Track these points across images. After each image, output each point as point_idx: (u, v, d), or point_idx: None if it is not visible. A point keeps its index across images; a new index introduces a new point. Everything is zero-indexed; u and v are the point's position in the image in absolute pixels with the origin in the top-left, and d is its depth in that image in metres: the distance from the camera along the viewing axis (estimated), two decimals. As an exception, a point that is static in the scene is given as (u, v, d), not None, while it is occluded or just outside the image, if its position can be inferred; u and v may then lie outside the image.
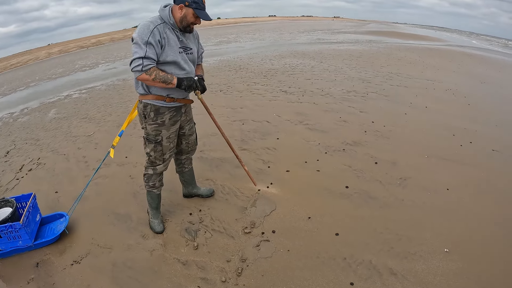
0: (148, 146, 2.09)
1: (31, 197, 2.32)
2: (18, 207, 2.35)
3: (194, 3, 1.81)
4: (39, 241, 2.21)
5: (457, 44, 17.56)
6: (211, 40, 19.57)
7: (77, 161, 3.68)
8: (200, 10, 1.85)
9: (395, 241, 2.09)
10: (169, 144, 2.12)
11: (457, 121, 4.33)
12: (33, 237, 2.20)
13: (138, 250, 2.17)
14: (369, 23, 53.22)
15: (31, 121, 5.62)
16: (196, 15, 1.84)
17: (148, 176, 2.21)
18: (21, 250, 2.19)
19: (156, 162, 2.14)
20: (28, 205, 2.23)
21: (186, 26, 1.89)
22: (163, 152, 2.11)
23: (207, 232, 2.26)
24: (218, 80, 7.37)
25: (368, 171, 2.96)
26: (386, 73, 7.45)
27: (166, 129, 2.05)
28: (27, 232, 2.12)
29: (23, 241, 2.14)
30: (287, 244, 2.08)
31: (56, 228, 2.39)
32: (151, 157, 2.12)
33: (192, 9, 1.82)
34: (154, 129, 2.02)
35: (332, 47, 12.87)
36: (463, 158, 3.24)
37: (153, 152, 2.09)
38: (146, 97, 1.96)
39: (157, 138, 2.05)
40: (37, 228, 2.32)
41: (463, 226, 2.25)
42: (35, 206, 2.37)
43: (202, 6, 1.85)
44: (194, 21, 1.88)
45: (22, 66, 18.60)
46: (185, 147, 2.34)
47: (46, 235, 2.33)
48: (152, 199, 2.29)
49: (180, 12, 1.84)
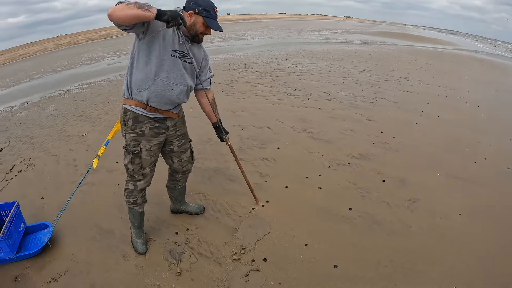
0: (126, 157, 1.88)
1: (13, 207, 2.17)
2: (2, 215, 2.24)
3: (205, 11, 1.68)
4: (21, 253, 2.09)
5: (467, 49, 17.02)
6: (219, 36, 19.29)
7: (66, 164, 3.52)
8: (211, 20, 1.71)
9: (400, 277, 1.85)
10: (150, 157, 1.89)
11: (471, 133, 4.05)
12: (15, 249, 2.08)
13: (118, 272, 1.99)
14: (379, 24, 52.37)
15: (28, 116, 5.49)
16: (206, 24, 1.71)
17: (129, 191, 1.98)
18: (2, 261, 2.07)
19: (134, 176, 1.91)
20: (10, 215, 2.09)
21: (195, 35, 1.75)
22: (142, 166, 1.89)
23: (193, 255, 2.05)
24: (222, 79, 7.15)
25: (375, 190, 2.72)
26: (396, 77, 7.15)
27: (146, 140, 1.83)
28: (8, 245, 1.99)
29: (4, 253, 2.02)
30: (279, 276, 1.86)
31: (40, 240, 2.25)
32: (129, 170, 1.90)
33: (203, 18, 1.69)
34: (133, 139, 1.82)
35: (341, 48, 12.54)
36: (477, 177, 2.98)
37: (131, 164, 1.87)
38: (128, 102, 1.77)
39: (135, 149, 1.83)
40: (20, 238, 2.19)
41: (476, 260, 2.00)
42: (18, 215, 2.22)
43: (214, 15, 1.71)
44: (204, 31, 1.75)
45: (30, 57, 18.63)
46: (178, 166, 2.12)
47: (29, 247, 2.21)
48: (134, 217, 2.07)
49: (189, 20, 1.70)
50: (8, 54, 22.05)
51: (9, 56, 20.29)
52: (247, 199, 2.60)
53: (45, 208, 2.74)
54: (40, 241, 2.23)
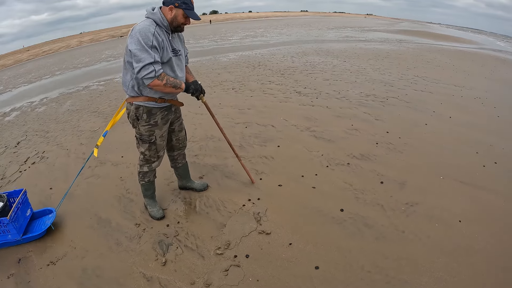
0: (142, 146, 2.15)
1: (20, 193, 2.38)
2: (11, 201, 2.42)
3: (184, 4, 1.86)
4: (27, 236, 2.27)
5: (491, 48, 16.01)
6: (238, 33, 19.40)
7: (76, 157, 3.70)
8: (190, 11, 1.90)
9: (382, 284, 1.78)
10: (162, 142, 2.19)
11: (483, 135, 3.83)
12: (21, 232, 2.27)
13: (109, 258, 2.10)
14: (402, 21, 50.55)
15: (46, 112, 5.79)
16: (186, 15, 1.90)
17: (143, 173, 2.28)
18: (10, 243, 2.24)
19: (151, 159, 2.20)
20: (17, 201, 2.30)
21: (177, 26, 1.94)
22: (157, 150, 2.18)
23: (179, 248, 2.11)
24: (233, 77, 7.21)
25: (370, 192, 2.65)
26: (411, 76, 6.89)
27: (159, 128, 2.10)
28: (15, 227, 2.19)
29: (12, 235, 2.22)
30: (258, 273, 1.87)
31: (45, 224, 2.44)
32: (146, 156, 2.18)
33: (182, 10, 1.87)
34: (148, 130, 2.07)
35: (359, 46, 12.25)
36: (484, 183, 2.80)
37: (148, 151, 2.16)
38: (138, 99, 1.98)
39: (151, 138, 2.10)
40: (26, 223, 2.38)
41: (472, 276, 1.83)
42: (25, 201, 2.43)
43: (191, 6, 1.90)
44: (184, 22, 1.93)
45: (54, 53, 19.54)
46: (175, 143, 2.39)
47: (35, 230, 2.40)
48: (147, 189, 2.39)
49: (171, 14, 1.88)
50: (33, 50, 23.21)
51: (33, 52, 21.38)
52: (240, 195, 2.63)
53: (52, 198, 2.92)
54: (44, 225, 2.41)
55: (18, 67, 17.83)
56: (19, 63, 18.72)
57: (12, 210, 2.17)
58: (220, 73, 7.71)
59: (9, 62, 18.87)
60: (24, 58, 18.82)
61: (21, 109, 6.31)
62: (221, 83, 6.69)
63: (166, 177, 2.98)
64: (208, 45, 14.61)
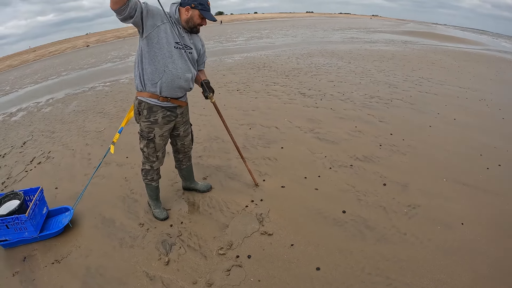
0: (141, 142, 2.16)
1: (38, 191, 2.40)
2: (26, 199, 2.44)
3: (200, 5, 1.90)
4: (44, 233, 2.30)
5: (496, 49, 15.83)
6: (243, 35, 19.42)
7: (81, 158, 3.75)
8: (206, 12, 1.94)
9: (383, 287, 1.79)
10: (162, 142, 2.18)
11: (487, 137, 3.81)
12: (38, 229, 2.29)
13: (113, 258, 2.13)
14: (408, 22, 50.17)
15: (52, 112, 5.87)
16: (202, 16, 1.94)
17: (146, 171, 2.29)
18: (27, 241, 2.27)
19: (149, 158, 2.20)
20: (35, 199, 2.32)
21: (193, 27, 1.98)
22: (156, 149, 2.17)
23: (182, 247, 2.14)
24: (238, 78, 7.25)
25: (373, 194, 2.65)
26: (416, 77, 6.86)
27: (159, 127, 2.09)
28: (32, 224, 2.21)
29: (28, 233, 2.24)
30: (259, 274, 1.89)
31: (61, 221, 2.47)
32: (145, 153, 2.19)
33: (198, 11, 1.91)
34: (147, 127, 2.08)
35: (364, 47, 12.22)
36: (487, 185, 2.79)
37: (146, 148, 2.16)
38: (142, 94, 2.00)
39: (150, 135, 2.10)
40: (43, 221, 2.41)
41: (474, 279, 1.82)
42: (42, 199, 2.46)
43: (207, 7, 1.95)
44: (200, 22, 1.97)
45: (60, 54, 19.77)
46: (180, 147, 2.41)
47: (51, 228, 2.43)
48: (151, 191, 2.40)
49: (187, 14, 1.93)
50: (39, 51, 23.48)
51: (39, 53, 21.64)
52: (243, 196, 2.65)
53: (57, 197, 2.95)
54: (61, 223, 2.44)
55: (24, 67, 18.11)
56: (25, 63, 19.03)
57: (30, 207, 2.20)
58: (225, 75, 7.75)
59: (16, 63, 19.19)
60: (31, 58, 19.10)
61: (27, 109, 6.41)
62: (225, 84, 6.72)
63: (170, 177, 3.01)
64: (213, 46, 14.67)
